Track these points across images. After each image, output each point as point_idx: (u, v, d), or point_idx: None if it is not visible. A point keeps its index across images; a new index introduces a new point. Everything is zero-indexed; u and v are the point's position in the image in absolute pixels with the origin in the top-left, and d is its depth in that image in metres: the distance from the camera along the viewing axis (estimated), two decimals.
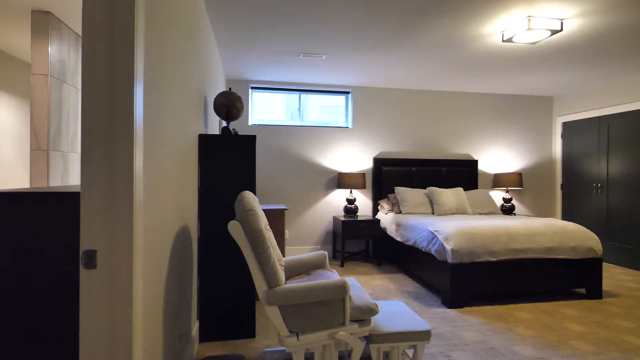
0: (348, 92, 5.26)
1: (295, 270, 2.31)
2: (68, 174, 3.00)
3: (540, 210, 5.78)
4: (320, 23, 3.07)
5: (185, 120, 2.05)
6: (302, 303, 1.80)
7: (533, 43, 3.28)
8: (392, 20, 3.00)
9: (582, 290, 3.68)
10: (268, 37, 3.39)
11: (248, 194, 1.93)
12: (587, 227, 5.19)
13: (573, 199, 5.47)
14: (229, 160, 2.50)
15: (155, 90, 1.43)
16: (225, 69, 4.44)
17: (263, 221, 1.96)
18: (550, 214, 5.81)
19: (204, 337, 2.48)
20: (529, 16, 2.87)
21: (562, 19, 2.92)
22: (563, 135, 5.66)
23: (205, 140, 2.47)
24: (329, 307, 1.81)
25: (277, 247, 2.14)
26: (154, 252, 1.45)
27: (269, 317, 1.79)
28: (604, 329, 2.77)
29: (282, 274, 1.87)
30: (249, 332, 2.53)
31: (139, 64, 1.14)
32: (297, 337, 1.80)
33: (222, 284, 2.49)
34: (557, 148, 5.75)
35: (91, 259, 1.03)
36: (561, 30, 2.98)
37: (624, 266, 4.69)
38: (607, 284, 3.93)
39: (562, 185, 5.68)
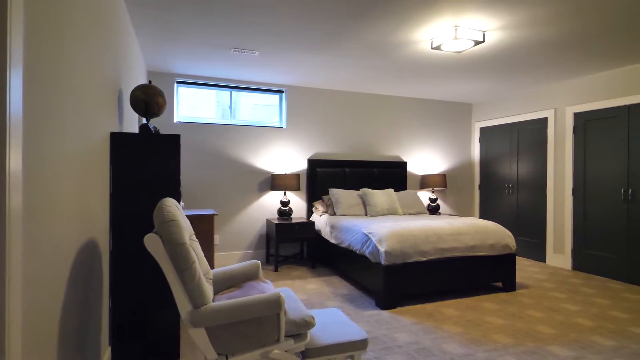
0: (282, 91, 5.12)
1: (225, 283, 2.11)
2: None
3: (461, 209, 6.20)
4: (252, 17, 2.89)
5: (91, 116, 1.75)
6: (232, 322, 1.62)
7: (458, 52, 3.45)
8: (327, 20, 2.93)
9: (499, 284, 3.98)
10: (194, 27, 3.11)
11: (169, 202, 1.70)
12: (500, 224, 5.68)
13: (489, 199, 5.96)
14: (148, 162, 2.21)
15: (46, 79, 1.16)
16: (146, 60, 4.03)
17: (187, 232, 1.75)
18: (470, 213, 6.27)
19: None
20: (456, 26, 3.00)
21: (485, 31, 3.10)
22: (480, 140, 6.13)
23: (118, 140, 2.16)
24: (262, 324, 1.67)
25: (204, 259, 1.94)
26: (44, 276, 1.18)
27: (194, 340, 1.58)
28: (519, 320, 2.99)
29: (209, 291, 1.68)
30: (172, 353, 2.27)
31: (15, 45, 0.89)
32: (227, 359, 1.63)
33: (139, 302, 2.20)
34: (475, 151, 6.22)
35: None
36: (483, 41, 3.16)
37: (532, 259, 5.21)
38: (518, 277, 4.31)
39: (479, 186, 6.15)
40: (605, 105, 4.31)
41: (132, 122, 3.11)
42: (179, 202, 2.27)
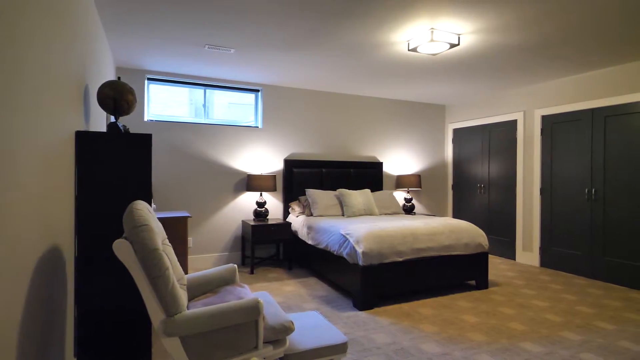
0: (258, 90, 5.03)
1: (200, 288, 2.04)
2: None
3: (435, 208, 6.32)
4: (227, 13, 2.81)
5: (53, 114, 1.63)
6: (208, 330, 1.56)
7: (434, 54, 3.49)
8: (304, 19, 2.89)
9: (473, 282, 4.08)
10: (166, 22, 3.00)
11: (140, 205, 1.61)
12: (473, 223, 5.83)
13: (462, 198, 6.11)
14: (117, 162, 2.10)
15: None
16: (115, 55, 3.85)
17: (160, 236, 1.67)
18: (444, 212, 6.40)
19: None
20: (432, 28, 3.03)
21: (460, 34, 3.15)
22: (454, 141, 6.27)
23: (84, 139, 2.03)
24: (240, 332, 1.61)
25: (177, 264, 1.86)
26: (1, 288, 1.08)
27: (168, 350, 1.51)
28: (492, 318, 3.07)
29: (183, 298, 1.60)
30: None
31: None
32: None
33: (106, 311, 2.08)
34: (449, 152, 6.36)
35: None
36: (458, 44, 3.22)
37: (502, 257, 5.37)
38: (490, 274, 4.43)
39: (452, 186, 6.29)
40: (571, 109, 4.50)
41: (99, 121, 2.96)
42: (151, 205, 2.17)
